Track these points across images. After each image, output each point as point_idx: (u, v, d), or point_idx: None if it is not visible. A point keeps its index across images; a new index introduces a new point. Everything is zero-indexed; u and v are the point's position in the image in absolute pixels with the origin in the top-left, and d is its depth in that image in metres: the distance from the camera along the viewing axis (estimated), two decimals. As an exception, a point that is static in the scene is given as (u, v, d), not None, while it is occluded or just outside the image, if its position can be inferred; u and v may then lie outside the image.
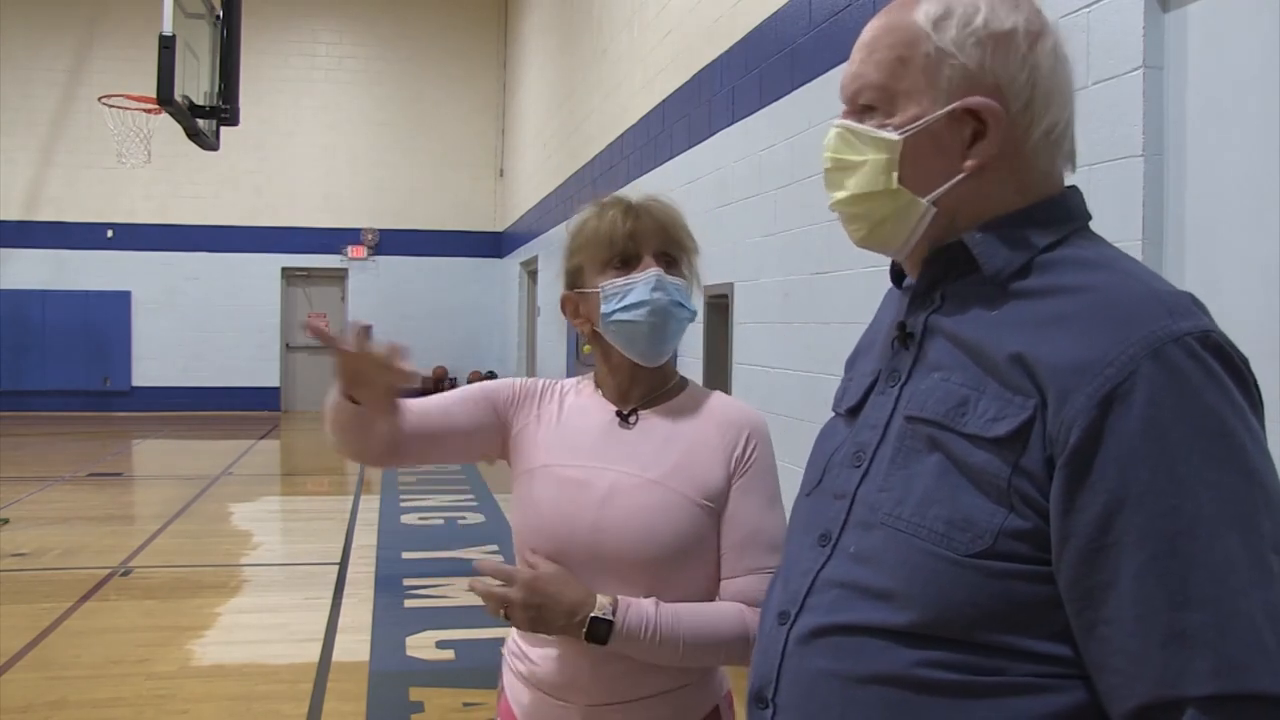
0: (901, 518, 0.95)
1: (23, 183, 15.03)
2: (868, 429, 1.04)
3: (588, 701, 1.47)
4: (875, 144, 1.01)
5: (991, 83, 0.98)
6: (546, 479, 1.53)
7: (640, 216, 1.53)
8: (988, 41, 0.98)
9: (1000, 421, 0.91)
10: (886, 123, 1.01)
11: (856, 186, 1.03)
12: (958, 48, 0.98)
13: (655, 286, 1.50)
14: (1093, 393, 0.86)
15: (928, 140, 1.00)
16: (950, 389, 0.96)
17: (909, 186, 1.01)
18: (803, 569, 1.03)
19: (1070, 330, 0.90)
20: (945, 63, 0.98)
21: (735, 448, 1.51)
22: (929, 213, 1.01)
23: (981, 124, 0.99)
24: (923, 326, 1.04)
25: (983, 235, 1.00)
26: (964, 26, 0.98)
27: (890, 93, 1.01)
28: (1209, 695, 0.81)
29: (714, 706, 1.53)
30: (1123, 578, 0.84)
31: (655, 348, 1.52)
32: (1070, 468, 0.86)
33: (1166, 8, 2.39)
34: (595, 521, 1.46)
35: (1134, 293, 0.91)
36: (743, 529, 1.48)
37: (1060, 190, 1.03)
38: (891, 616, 0.93)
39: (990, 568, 0.89)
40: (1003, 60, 0.98)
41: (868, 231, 1.05)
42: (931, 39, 0.99)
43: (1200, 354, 0.86)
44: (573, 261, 1.57)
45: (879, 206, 1.03)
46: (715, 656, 1.47)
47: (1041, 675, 0.89)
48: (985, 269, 0.99)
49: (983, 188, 1.00)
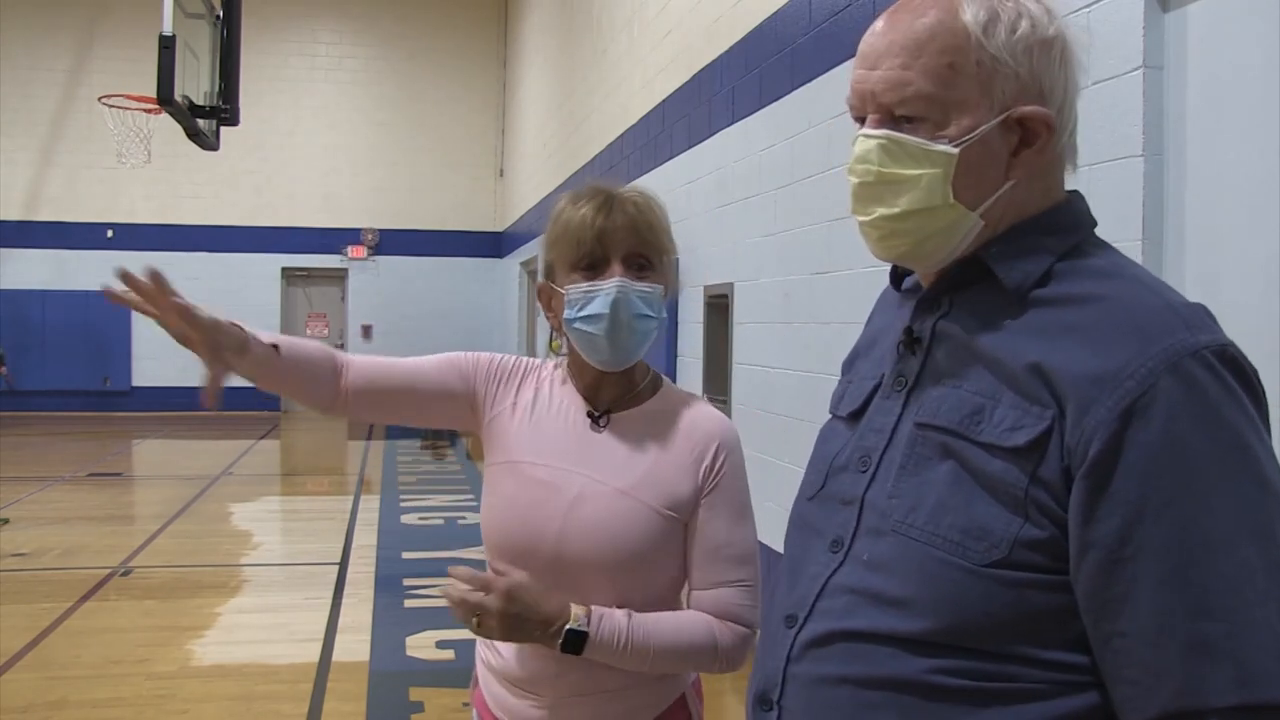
0: (914, 526, 0.94)
1: (23, 183, 15.03)
2: (873, 433, 1.04)
3: (554, 695, 1.49)
4: (930, 157, 0.97)
5: (1037, 90, 0.97)
6: (516, 476, 1.53)
7: (613, 213, 1.48)
8: (1035, 48, 0.97)
9: (1018, 431, 0.90)
10: (939, 134, 0.97)
11: (910, 203, 0.98)
12: (1009, 54, 0.96)
13: (615, 300, 1.46)
14: (1113, 405, 0.86)
15: (980, 151, 0.97)
16: (964, 397, 0.96)
17: (961, 200, 0.98)
18: (811, 573, 1.02)
19: (1088, 341, 0.90)
20: (998, 71, 0.96)
21: (704, 460, 1.50)
22: (978, 226, 0.99)
23: (1027, 131, 0.97)
24: (930, 332, 1.03)
25: (1000, 248, 0.99)
26: (1012, 32, 0.96)
27: (942, 102, 0.96)
28: (1231, 706, 0.81)
29: (680, 695, 1.55)
30: (1142, 589, 0.84)
31: (614, 357, 1.50)
32: (1090, 479, 0.86)
33: (1166, 8, 2.39)
34: (561, 528, 1.47)
35: (1150, 304, 0.91)
36: (711, 541, 1.49)
37: (1066, 196, 1.03)
38: (905, 624, 0.93)
39: (1005, 577, 0.89)
40: (1046, 67, 0.98)
41: (911, 247, 1.01)
42: (983, 45, 0.95)
43: (1217, 368, 0.87)
44: (548, 254, 1.56)
45: (930, 222, 0.98)
46: (683, 665, 1.50)
47: (1053, 682, 0.89)
48: (1007, 283, 0.97)
49: (1020, 196, 1.00)
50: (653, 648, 1.43)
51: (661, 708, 1.52)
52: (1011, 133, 0.97)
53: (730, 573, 1.48)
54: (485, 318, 16.25)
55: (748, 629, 1.49)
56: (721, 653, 1.46)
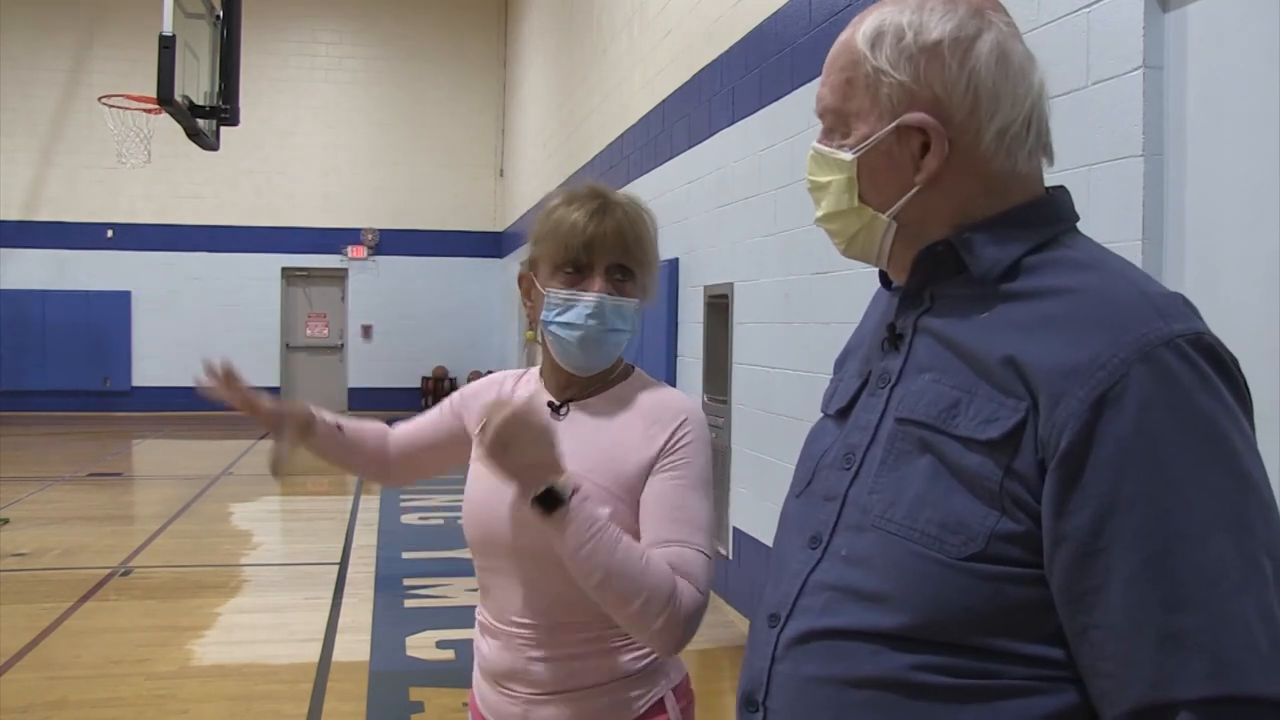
0: (893, 520, 0.95)
1: (23, 183, 15.03)
2: (858, 430, 1.04)
3: (528, 691, 1.49)
4: (837, 165, 1.04)
5: (930, 95, 0.99)
6: (479, 472, 1.56)
7: (604, 221, 1.51)
8: (919, 56, 0.99)
9: (992, 424, 0.91)
10: (843, 143, 1.04)
11: (827, 206, 1.07)
12: (892, 65, 1.00)
13: (592, 313, 1.50)
14: (1084, 396, 0.86)
15: (880, 158, 1.02)
16: (941, 391, 0.96)
17: (870, 203, 1.03)
18: (793, 571, 1.03)
19: (1061, 332, 0.90)
20: (883, 81, 1.00)
21: (663, 435, 1.49)
22: (891, 227, 1.03)
23: (926, 136, 0.99)
24: (912, 328, 1.04)
25: (970, 236, 1.00)
26: (896, 43, 1.00)
27: (843, 114, 1.04)
28: (1203, 698, 0.81)
29: (659, 700, 1.51)
30: (1115, 581, 0.84)
31: (585, 363, 1.54)
32: (1062, 471, 0.86)
33: (1166, 8, 2.39)
34: (515, 517, 1.47)
35: (1124, 294, 0.91)
36: (665, 503, 1.45)
37: (1045, 191, 1.03)
38: (883, 620, 0.93)
39: (982, 571, 0.89)
40: (937, 72, 0.98)
41: (845, 245, 1.09)
42: (869, 59, 1.01)
43: (1192, 356, 0.86)
44: (535, 247, 1.59)
45: (848, 223, 1.06)
46: (635, 598, 1.36)
47: (1033, 678, 0.88)
48: (973, 269, 0.99)
49: (943, 197, 1.01)
50: (618, 556, 1.35)
51: (639, 710, 1.50)
52: (913, 139, 1.00)
53: (686, 534, 1.44)
54: (485, 318, 16.25)
55: (702, 596, 1.43)
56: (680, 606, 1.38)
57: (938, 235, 1.01)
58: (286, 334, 15.95)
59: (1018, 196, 1.01)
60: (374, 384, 16.01)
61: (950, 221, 1.01)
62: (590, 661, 1.48)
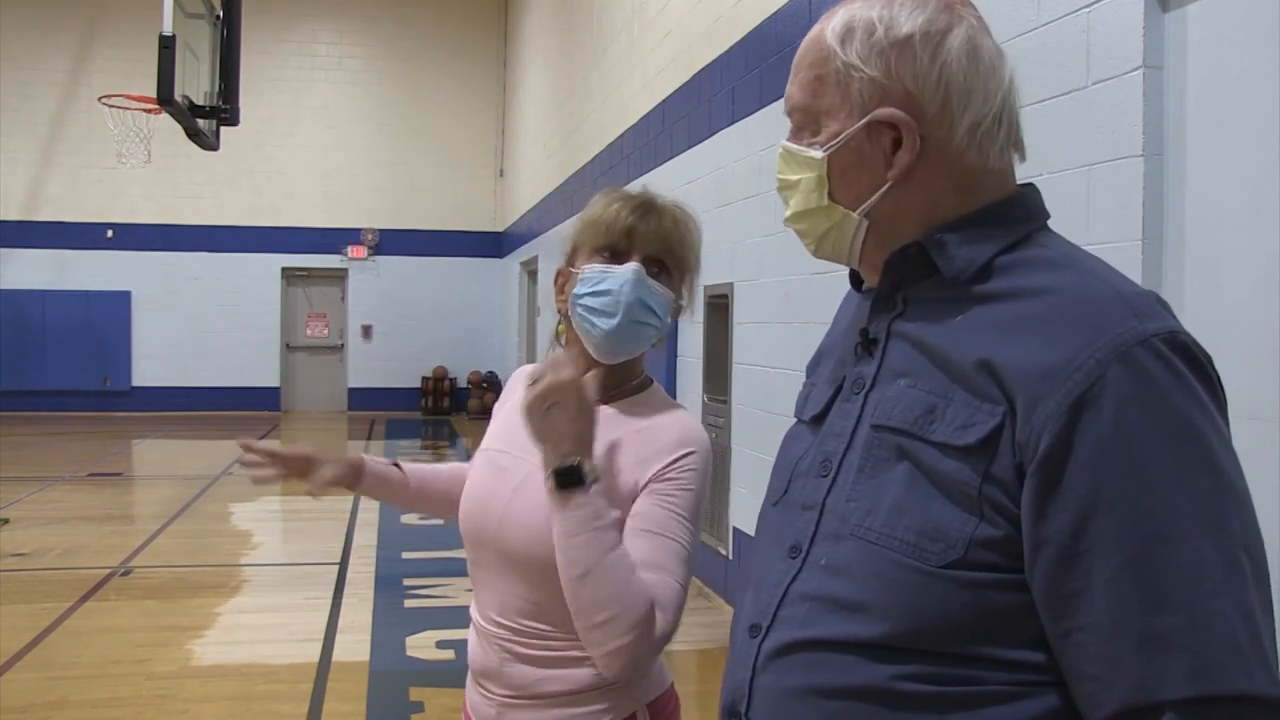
0: (872, 529, 0.94)
1: (23, 183, 15.03)
2: (833, 437, 1.03)
3: (501, 693, 1.48)
4: (806, 163, 1.03)
5: (901, 91, 0.98)
6: (482, 463, 1.56)
7: (647, 216, 1.50)
8: (890, 51, 0.98)
9: (969, 429, 0.90)
10: (813, 141, 1.03)
11: (796, 205, 1.06)
12: (863, 60, 0.99)
13: (630, 282, 1.46)
14: (1062, 399, 0.85)
15: (851, 155, 1.01)
16: (917, 396, 0.95)
17: (840, 201, 1.02)
18: (773, 581, 1.02)
19: (1036, 334, 0.89)
20: (854, 77, 0.99)
21: (662, 460, 1.43)
22: (862, 225, 1.02)
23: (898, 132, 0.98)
24: (886, 332, 1.03)
25: (940, 236, 0.99)
26: (867, 38, 0.99)
27: (813, 112, 1.03)
28: (1187, 698, 0.81)
29: (630, 714, 1.46)
30: (1096, 584, 0.84)
31: (609, 343, 1.48)
32: (1041, 475, 0.86)
33: (1166, 8, 2.39)
34: (503, 514, 1.47)
35: (1098, 294, 0.90)
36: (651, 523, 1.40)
37: (1016, 189, 1.03)
38: (864, 629, 0.92)
39: (963, 578, 0.88)
40: (909, 67, 0.98)
41: (815, 245, 1.08)
42: (839, 55, 1.00)
43: (1167, 355, 0.86)
44: (574, 239, 1.56)
45: (818, 222, 1.05)
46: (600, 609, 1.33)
47: (1016, 683, 0.88)
48: (944, 271, 0.98)
49: (915, 194, 1.00)
50: (608, 559, 1.33)
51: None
52: (884, 135, 0.99)
53: (669, 562, 1.38)
54: (485, 318, 16.25)
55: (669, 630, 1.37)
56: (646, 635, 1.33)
57: (910, 232, 1.00)
58: (286, 334, 15.95)
59: (990, 194, 1.00)
60: (374, 384, 16.01)
61: (922, 219, 1.00)
62: (562, 670, 1.44)
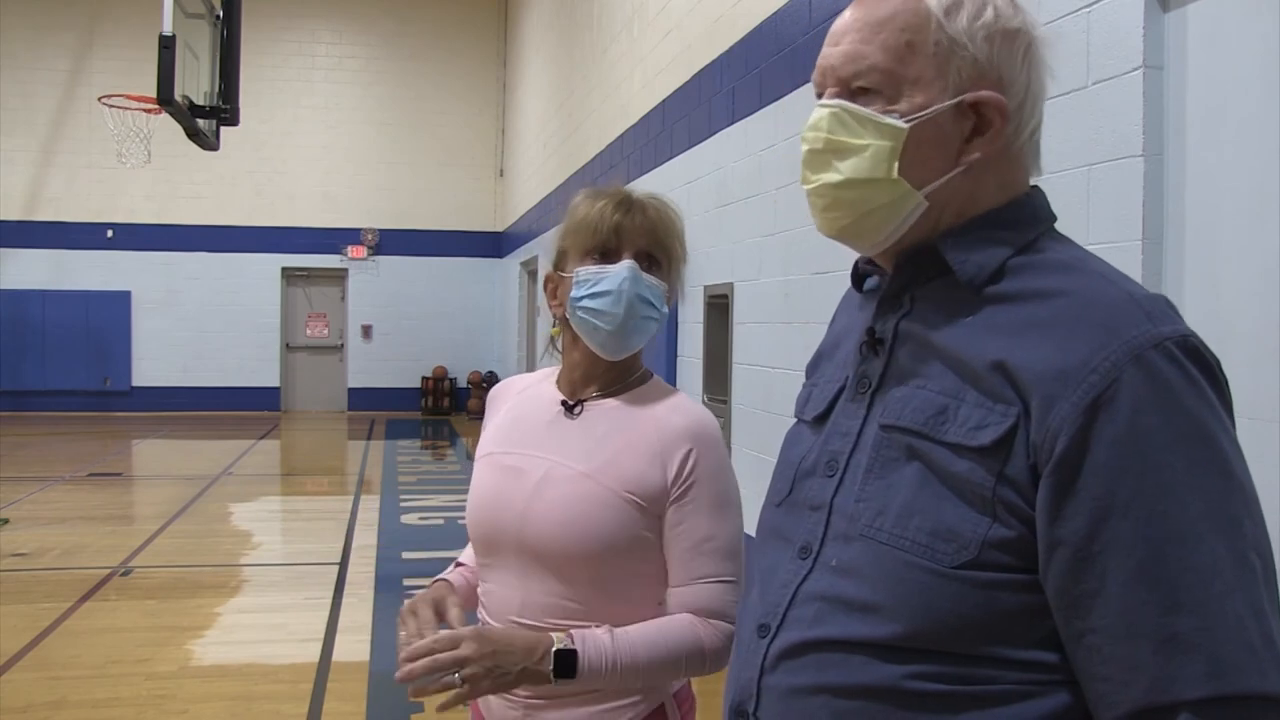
0: (882, 529, 0.94)
1: (23, 183, 15.03)
2: (838, 437, 1.03)
3: (526, 696, 1.48)
4: (879, 129, 0.97)
5: (995, 78, 0.97)
6: (488, 466, 1.56)
7: (631, 212, 1.52)
8: (997, 37, 0.97)
9: (983, 430, 0.90)
10: (890, 108, 0.97)
11: (853, 171, 0.98)
12: (969, 39, 0.96)
13: (626, 279, 1.48)
14: (1077, 400, 0.85)
15: (931, 131, 0.97)
16: (928, 397, 0.95)
17: (906, 177, 0.97)
18: (781, 581, 1.01)
19: (1050, 336, 0.89)
20: (956, 53, 0.96)
21: (674, 459, 1.47)
22: (921, 206, 0.99)
23: (981, 119, 0.97)
24: (893, 332, 1.02)
25: (955, 239, 0.98)
26: (975, 19, 0.97)
27: (896, 78, 0.97)
28: (1203, 698, 0.81)
29: (659, 705, 1.50)
30: (1111, 585, 0.84)
31: (615, 341, 1.51)
32: (1056, 476, 0.86)
33: (1166, 8, 2.39)
34: (523, 511, 1.47)
35: (1111, 297, 0.91)
36: (690, 538, 1.46)
37: (1027, 190, 1.03)
38: (875, 630, 0.92)
39: (975, 578, 0.89)
40: (1007, 57, 0.98)
41: (852, 220, 1.01)
42: (943, 27, 0.97)
43: (1180, 359, 0.86)
44: (560, 244, 1.58)
45: (873, 195, 0.98)
46: (674, 673, 1.46)
47: (1026, 682, 0.88)
48: (960, 275, 0.97)
49: (971, 185, 0.99)
50: (641, 658, 1.41)
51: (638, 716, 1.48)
52: (965, 119, 0.97)
53: (710, 567, 1.45)
54: (485, 318, 16.25)
55: (729, 626, 1.44)
56: (709, 653, 1.44)
57: (948, 224, 1.00)
58: (286, 334, 15.95)
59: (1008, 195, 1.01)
60: (374, 384, 16.01)
61: (960, 211, 1.00)
62: None
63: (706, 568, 1.46)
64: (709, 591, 1.45)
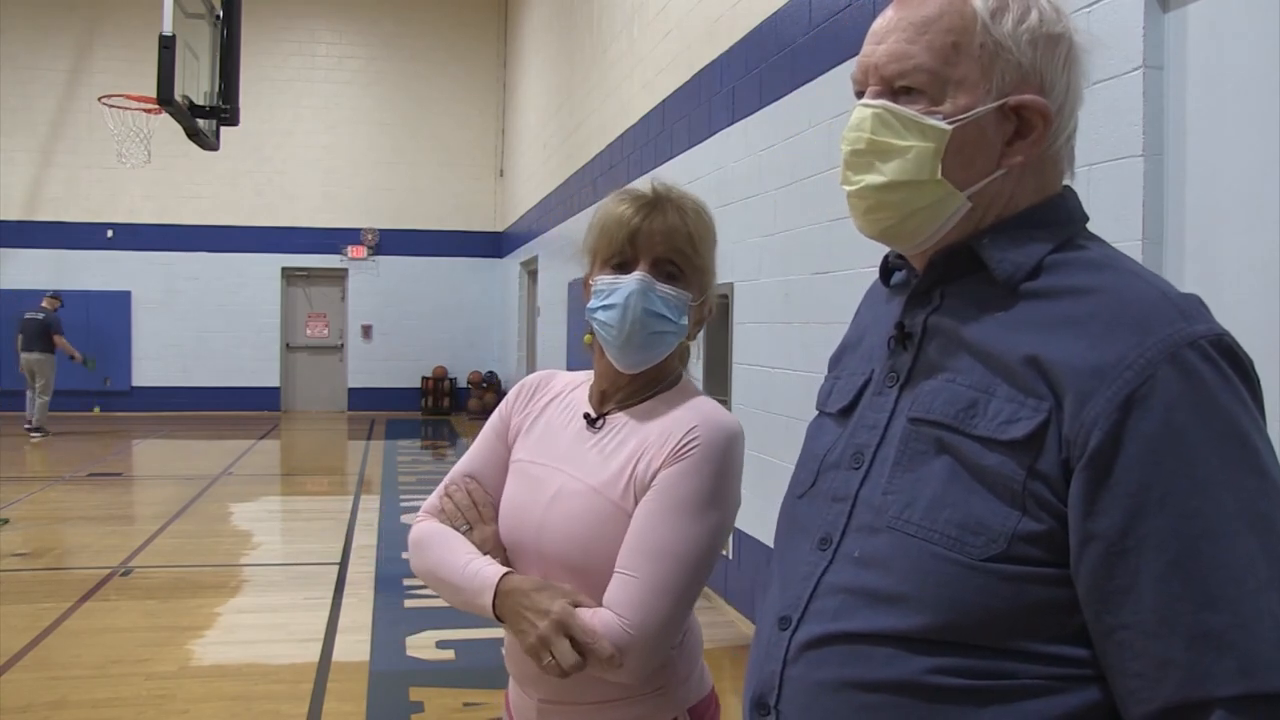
0: (911, 521, 0.94)
1: (23, 183, 15.03)
2: (865, 430, 1.03)
3: (540, 695, 1.48)
4: (922, 130, 0.98)
5: (1038, 83, 0.98)
6: (517, 474, 1.55)
7: (652, 216, 1.47)
8: (1040, 41, 0.98)
9: (1015, 424, 0.90)
10: (934, 109, 0.98)
11: (896, 173, 0.98)
12: (1014, 42, 0.97)
13: (634, 293, 1.44)
14: (1112, 396, 0.86)
15: (973, 133, 0.98)
16: (958, 391, 0.95)
17: (949, 178, 0.98)
18: (802, 574, 1.02)
19: (1084, 332, 0.90)
20: (1000, 56, 0.97)
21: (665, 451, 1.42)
22: (964, 207, 0.99)
23: (1023, 123, 0.98)
24: (922, 327, 1.03)
25: (991, 239, 0.99)
26: (1020, 22, 0.97)
27: (941, 79, 0.97)
28: (1236, 695, 0.81)
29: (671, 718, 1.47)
30: (1144, 581, 0.84)
31: (626, 354, 1.47)
32: (1090, 471, 0.86)
33: (1166, 8, 2.39)
34: (540, 521, 1.47)
35: (1145, 295, 0.91)
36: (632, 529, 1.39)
37: (1060, 190, 1.03)
38: (901, 622, 0.92)
39: (1004, 571, 0.89)
40: (1049, 62, 0.98)
41: (896, 221, 1.01)
42: (989, 29, 0.97)
43: (1214, 357, 0.87)
44: (587, 248, 1.55)
45: (916, 196, 0.99)
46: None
47: (1053, 677, 0.88)
48: (998, 273, 0.98)
49: (1012, 186, 1.00)
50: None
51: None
52: (1008, 121, 0.98)
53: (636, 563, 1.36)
54: (485, 318, 16.25)
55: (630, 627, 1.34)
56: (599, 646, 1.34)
57: (989, 225, 1.00)
58: (286, 334, 15.95)
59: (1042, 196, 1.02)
60: (374, 384, 16.01)
61: (999, 212, 1.00)
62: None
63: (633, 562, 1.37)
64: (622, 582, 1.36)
